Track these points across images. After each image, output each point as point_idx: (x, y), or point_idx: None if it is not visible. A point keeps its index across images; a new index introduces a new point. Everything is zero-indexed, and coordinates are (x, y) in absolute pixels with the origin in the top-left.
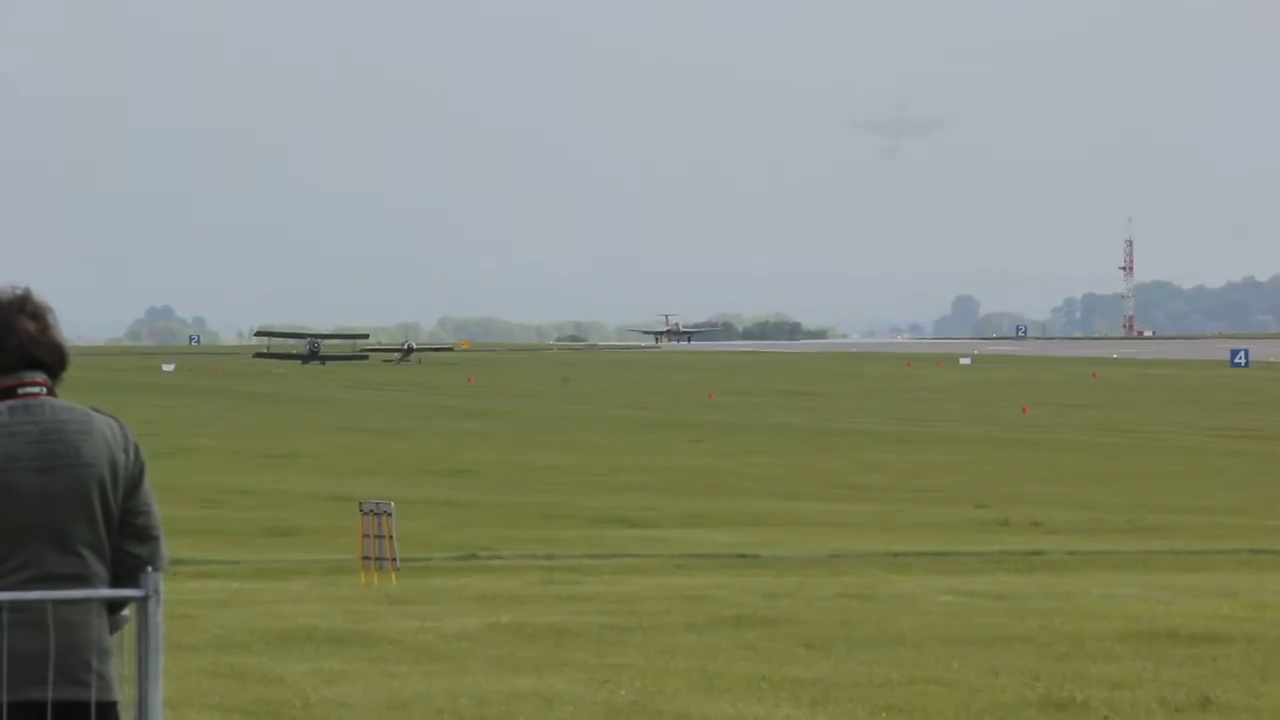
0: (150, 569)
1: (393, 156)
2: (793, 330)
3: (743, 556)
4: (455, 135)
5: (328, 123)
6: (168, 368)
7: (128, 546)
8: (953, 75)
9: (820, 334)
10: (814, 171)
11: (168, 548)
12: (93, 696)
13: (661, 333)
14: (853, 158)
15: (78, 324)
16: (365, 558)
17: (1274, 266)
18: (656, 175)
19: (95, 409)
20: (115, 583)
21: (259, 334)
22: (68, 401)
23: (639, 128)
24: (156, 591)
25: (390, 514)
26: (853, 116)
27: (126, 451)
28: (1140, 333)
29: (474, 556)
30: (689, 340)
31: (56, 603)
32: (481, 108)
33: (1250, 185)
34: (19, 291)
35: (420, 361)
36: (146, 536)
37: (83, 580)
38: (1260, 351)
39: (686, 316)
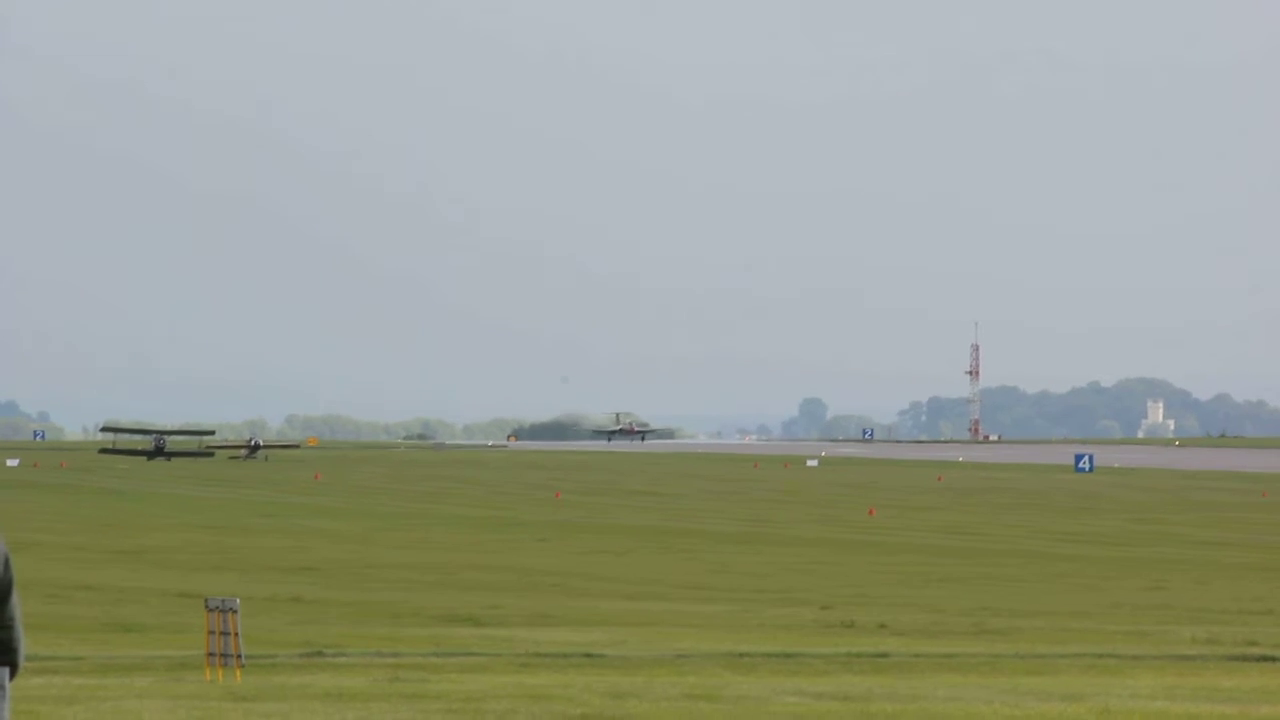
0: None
1: (238, 258)
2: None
3: (588, 656)
4: (298, 241)
5: (169, 224)
6: (12, 462)
7: None
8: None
9: (668, 434)
10: (663, 269)
11: (24, 655)
12: None
13: (614, 432)
14: (703, 256)
15: None
16: (210, 654)
17: (1118, 372)
18: (499, 273)
19: None
20: None
21: (104, 429)
22: None
23: (473, 229)
24: (3, 686)
25: (235, 610)
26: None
27: None
28: (986, 437)
29: (319, 654)
30: (642, 439)
31: None
32: (320, 216)
33: (1094, 292)
34: None
35: (267, 458)
36: (7, 649)
37: None
38: (1104, 457)
39: (537, 415)
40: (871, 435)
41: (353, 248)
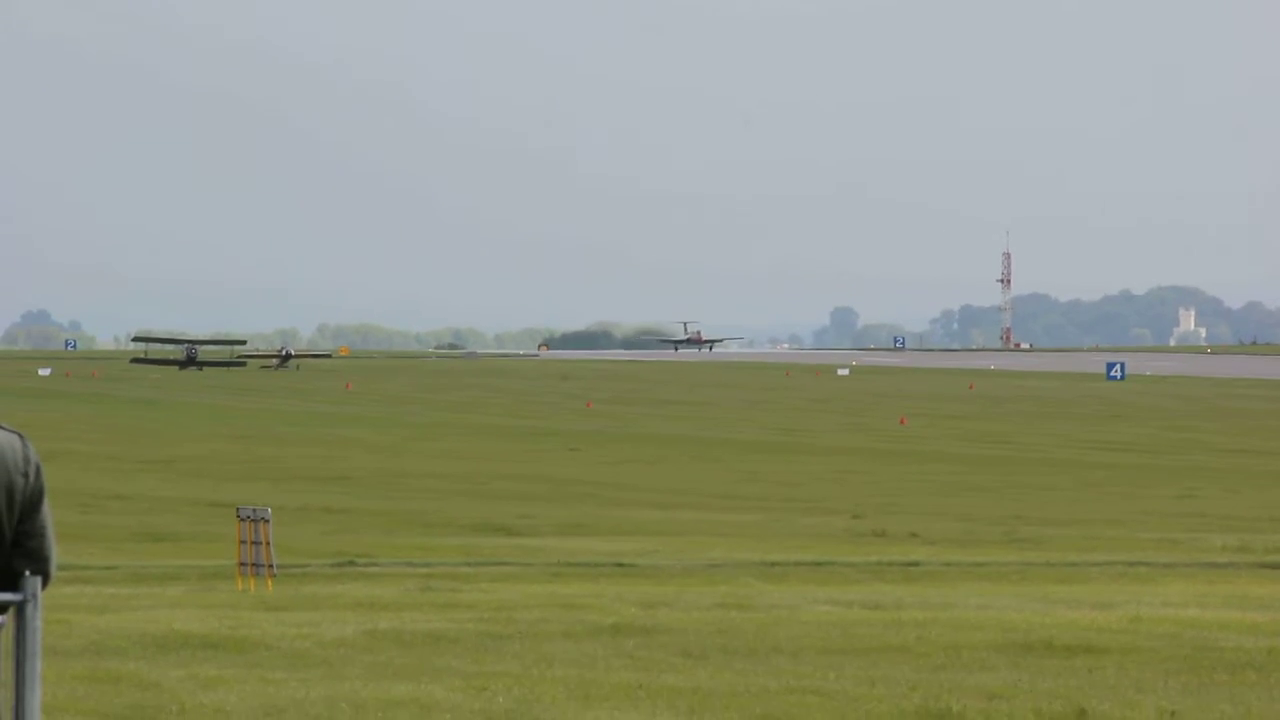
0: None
1: (271, 171)
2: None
3: (620, 565)
4: (329, 154)
5: (203, 139)
6: (44, 372)
7: (17, 566)
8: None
9: (714, 344)
10: (692, 177)
11: (56, 564)
12: None
13: (681, 341)
14: (733, 164)
15: None
16: (242, 564)
17: (1150, 280)
18: (530, 182)
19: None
20: None
21: (136, 339)
22: None
23: (507, 136)
24: (35, 595)
25: (267, 520)
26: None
27: (26, 474)
28: (1017, 345)
29: (351, 563)
30: (710, 349)
31: None
32: (350, 131)
33: (1126, 199)
34: None
35: (299, 368)
36: (38, 558)
37: None
38: (1136, 365)
39: (566, 325)
40: (903, 344)
41: (384, 161)
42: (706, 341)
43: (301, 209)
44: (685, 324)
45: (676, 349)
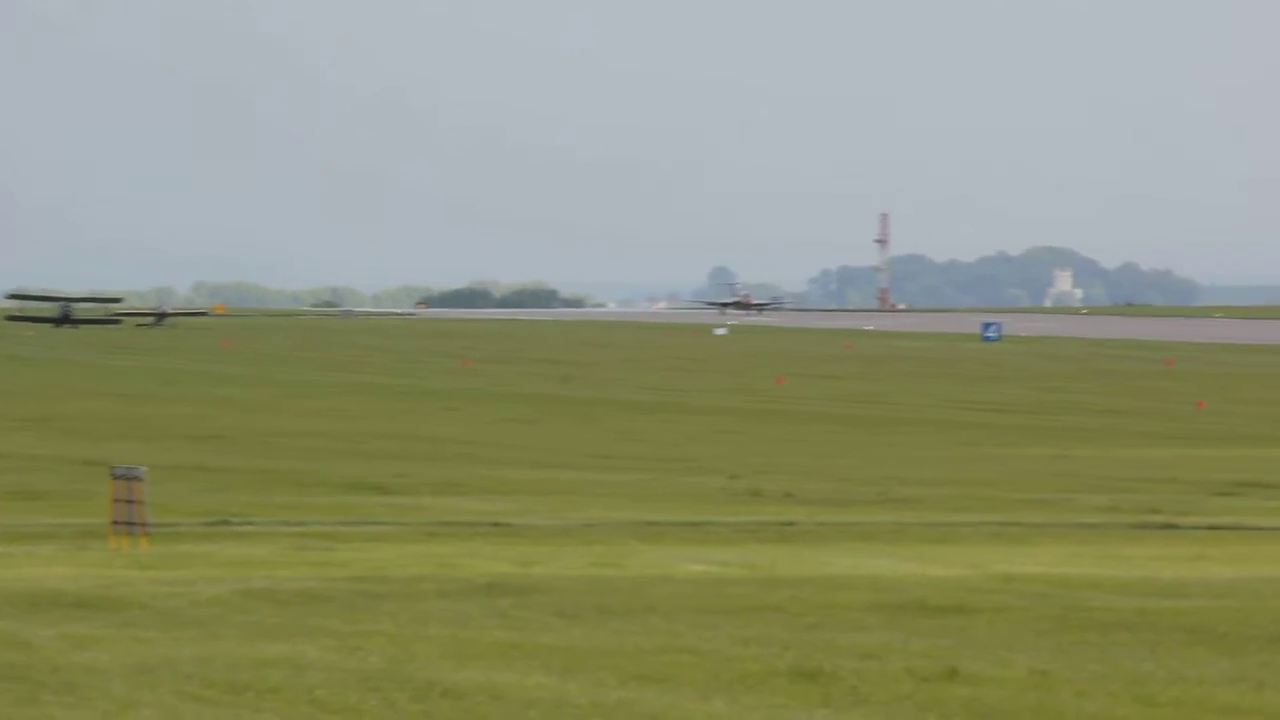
0: None
1: (141, 122)
2: (549, 298)
3: (496, 525)
4: (200, 107)
5: (85, 89)
6: None
7: None
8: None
9: (577, 302)
10: (570, 135)
11: None
12: None
13: (727, 304)
14: (612, 123)
15: None
16: (116, 523)
17: (1025, 241)
18: (408, 139)
19: None
20: None
21: (11, 296)
22: None
23: (385, 90)
24: None
25: (141, 479)
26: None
27: None
28: (894, 305)
29: (225, 523)
30: (759, 313)
31: None
32: (228, 80)
33: (1002, 161)
34: None
35: (174, 326)
36: None
37: None
38: (1012, 326)
39: (444, 283)
40: (782, 304)
41: (262, 117)
42: (756, 305)
43: (179, 165)
44: (732, 285)
45: (723, 311)
